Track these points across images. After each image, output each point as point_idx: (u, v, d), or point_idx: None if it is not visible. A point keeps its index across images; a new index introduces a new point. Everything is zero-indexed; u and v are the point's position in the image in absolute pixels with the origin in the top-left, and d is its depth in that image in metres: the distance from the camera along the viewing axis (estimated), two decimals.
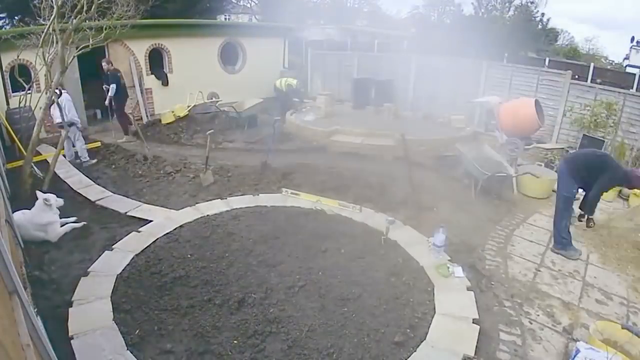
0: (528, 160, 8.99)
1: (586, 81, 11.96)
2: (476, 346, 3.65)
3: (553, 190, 6.53)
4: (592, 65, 14.01)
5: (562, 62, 18.34)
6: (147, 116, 11.74)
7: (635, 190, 7.06)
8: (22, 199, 6.41)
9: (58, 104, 7.38)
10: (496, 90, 11.60)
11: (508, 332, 4.03)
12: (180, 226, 5.61)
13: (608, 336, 3.65)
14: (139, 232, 5.42)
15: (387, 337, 3.74)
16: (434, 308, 4.14)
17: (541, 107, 7.96)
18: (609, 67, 24.76)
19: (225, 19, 27.54)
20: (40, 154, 8.38)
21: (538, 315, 4.32)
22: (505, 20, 15.91)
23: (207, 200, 6.51)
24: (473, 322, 3.93)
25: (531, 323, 4.19)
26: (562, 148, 9.39)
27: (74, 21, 6.41)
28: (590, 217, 5.39)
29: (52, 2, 6.29)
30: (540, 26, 25.19)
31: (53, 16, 6.16)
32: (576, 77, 10.84)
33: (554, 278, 5.00)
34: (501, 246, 5.68)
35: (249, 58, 14.43)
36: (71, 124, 7.79)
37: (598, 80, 12.07)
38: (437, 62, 13.25)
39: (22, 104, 8.15)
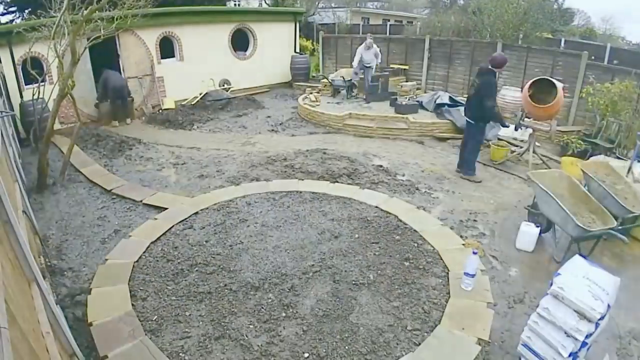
0: (549, 146, 8.85)
1: (603, 62, 11.69)
2: (490, 330, 3.64)
3: None
4: (608, 45, 13.66)
5: (578, 42, 17.94)
6: (161, 104, 11.89)
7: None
8: (40, 190, 6.53)
9: None
10: (511, 72, 11.46)
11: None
12: (195, 213, 5.65)
13: None
14: (155, 219, 5.47)
15: (402, 322, 3.74)
16: (449, 292, 4.13)
17: (554, 85, 7.27)
18: (626, 47, 24.17)
19: (235, 4, 27.39)
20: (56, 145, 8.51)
21: None
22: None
23: (221, 187, 6.56)
24: (487, 307, 3.92)
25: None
26: (579, 131, 9.22)
27: (85, 12, 6.42)
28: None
29: None
30: (555, 6, 24.63)
31: (64, 8, 6.16)
32: (592, 58, 10.58)
33: None
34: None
35: (259, 44, 14.38)
36: None
37: (615, 61, 11.79)
38: (450, 43, 13.10)
39: (35, 96, 8.22)
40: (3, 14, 16.60)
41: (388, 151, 8.50)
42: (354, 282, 4.25)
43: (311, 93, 11.99)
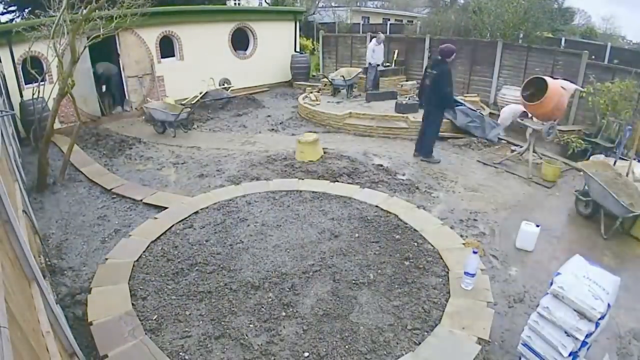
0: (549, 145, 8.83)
1: (603, 61, 11.68)
2: (490, 330, 3.64)
3: None
4: (609, 45, 13.64)
5: (579, 41, 17.92)
6: None
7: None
8: (40, 189, 6.53)
9: None
10: (512, 71, 11.46)
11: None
12: (196, 212, 5.65)
13: None
14: (155, 219, 5.47)
15: (402, 321, 3.74)
16: (449, 292, 4.12)
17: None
18: (626, 47, 24.15)
19: (235, 4, 27.36)
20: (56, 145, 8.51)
21: None
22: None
23: (221, 186, 6.56)
24: (488, 306, 3.92)
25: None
26: (579, 130, 9.21)
27: (84, 11, 6.41)
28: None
29: None
30: (556, 5, 24.60)
31: (63, 7, 6.16)
32: (593, 57, 10.57)
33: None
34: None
35: (259, 43, 14.38)
36: None
37: (615, 61, 11.78)
38: (451, 42, 13.09)
39: (35, 96, 8.22)
40: (3, 14, 16.58)
41: (388, 150, 8.51)
42: (354, 282, 4.24)
43: (311, 92, 11.99)
